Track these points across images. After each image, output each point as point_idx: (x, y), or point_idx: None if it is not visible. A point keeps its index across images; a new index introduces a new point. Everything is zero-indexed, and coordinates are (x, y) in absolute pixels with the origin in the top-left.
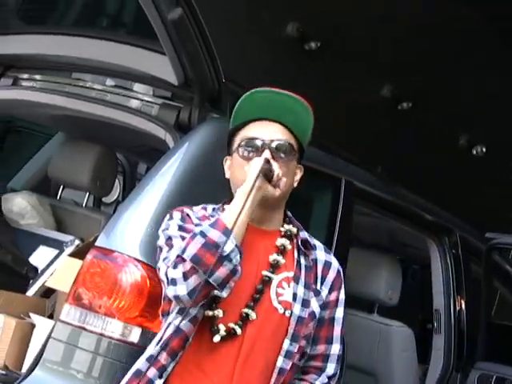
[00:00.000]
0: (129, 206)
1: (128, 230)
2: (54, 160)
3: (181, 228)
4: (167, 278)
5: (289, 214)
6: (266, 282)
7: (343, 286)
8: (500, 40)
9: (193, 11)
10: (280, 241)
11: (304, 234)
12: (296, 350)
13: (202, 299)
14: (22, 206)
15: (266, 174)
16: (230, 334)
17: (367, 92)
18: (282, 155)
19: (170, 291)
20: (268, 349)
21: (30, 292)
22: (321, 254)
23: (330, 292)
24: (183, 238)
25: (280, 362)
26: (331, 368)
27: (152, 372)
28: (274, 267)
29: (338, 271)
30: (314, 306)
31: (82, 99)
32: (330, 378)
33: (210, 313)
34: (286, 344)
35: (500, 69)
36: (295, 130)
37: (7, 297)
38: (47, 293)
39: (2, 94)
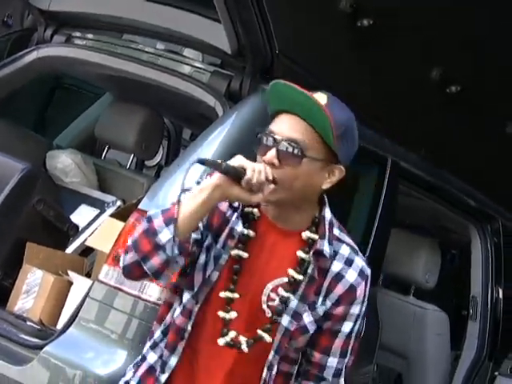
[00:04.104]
0: (174, 172)
1: (171, 196)
2: (101, 120)
3: None
4: None
5: (325, 215)
6: (284, 301)
7: (360, 301)
8: None
9: None
10: (300, 254)
11: (322, 245)
12: (276, 362)
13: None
14: (66, 163)
15: (233, 174)
16: (236, 345)
17: (416, 73)
18: (287, 157)
19: None
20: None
21: (70, 249)
22: (337, 265)
23: (335, 305)
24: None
25: (264, 373)
26: (328, 382)
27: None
28: (292, 284)
29: (351, 286)
30: (307, 320)
31: (133, 61)
32: None
33: (222, 314)
34: (271, 355)
35: None
36: (317, 128)
37: (47, 253)
38: (86, 251)
39: (54, 50)
